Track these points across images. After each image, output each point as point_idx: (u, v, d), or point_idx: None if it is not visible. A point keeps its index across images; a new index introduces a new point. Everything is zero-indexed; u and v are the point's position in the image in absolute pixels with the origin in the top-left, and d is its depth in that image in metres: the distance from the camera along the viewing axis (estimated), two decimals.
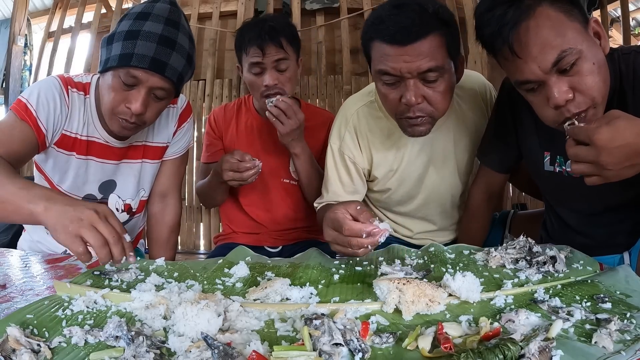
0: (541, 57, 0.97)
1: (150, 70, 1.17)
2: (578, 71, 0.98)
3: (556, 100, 0.99)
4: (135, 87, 1.20)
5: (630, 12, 3.46)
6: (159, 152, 1.50)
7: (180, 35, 1.23)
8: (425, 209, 1.54)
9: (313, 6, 3.48)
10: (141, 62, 1.16)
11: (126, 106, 1.21)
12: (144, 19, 1.20)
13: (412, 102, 1.20)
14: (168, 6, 1.23)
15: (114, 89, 1.21)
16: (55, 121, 1.29)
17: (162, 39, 1.19)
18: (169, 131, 1.49)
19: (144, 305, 0.87)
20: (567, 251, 1.07)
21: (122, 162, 1.44)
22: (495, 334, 0.72)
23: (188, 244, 3.45)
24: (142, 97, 1.20)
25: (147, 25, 1.19)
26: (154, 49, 1.17)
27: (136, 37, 1.17)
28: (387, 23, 1.18)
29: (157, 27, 1.19)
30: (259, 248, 1.79)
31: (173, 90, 1.26)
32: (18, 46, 3.92)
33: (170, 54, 1.19)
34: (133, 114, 1.21)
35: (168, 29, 1.20)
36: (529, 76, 1.01)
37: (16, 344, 0.71)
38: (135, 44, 1.17)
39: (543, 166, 1.27)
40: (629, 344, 0.70)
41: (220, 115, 1.86)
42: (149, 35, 1.18)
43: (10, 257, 1.25)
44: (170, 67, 1.20)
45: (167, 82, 1.21)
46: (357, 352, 0.69)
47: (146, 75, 1.18)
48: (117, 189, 1.46)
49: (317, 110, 1.93)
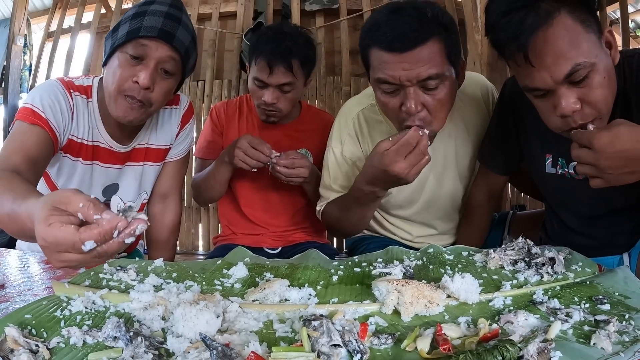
0: (554, 67, 0.96)
1: (159, 38, 1.19)
2: (589, 84, 0.98)
3: (564, 110, 0.99)
4: (143, 60, 1.20)
5: (629, 14, 3.46)
6: (161, 154, 1.50)
7: (184, 17, 1.27)
8: (426, 213, 1.53)
9: (312, 7, 3.48)
10: (150, 31, 1.19)
11: (133, 80, 1.20)
12: (149, 4, 1.24)
13: (412, 110, 1.17)
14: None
15: (121, 66, 1.21)
16: (65, 123, 1.26)
17: (168, 15, 1.22)
18: (172, 133, 1.49)
19: (143, 305, 0.86)
20: (566, 253, 1.07)
21: (126, 165, 1.43)
22: (494, 335, 0.72)
23: (187, 245, 3.44)
24: (150, 69, 1.20)
25: (153, 6, 1.23)
26: (162, 22, 1.21)
27: (143, 15, 1.21)
28: (384, 29, 1.15)
29: (163, 7, 1.23)
30: (258, 249, 1.79)
31: (180, 67, 1.27)
32: (17, 46, 3.91)
33: (177, 28, 1.22)
34: (141, 89, 1.20)
35: (173, 9, 1.25)
36: (539, 84, 1.00)
37: (14, 344, 0.71)
38: (143, 20, 1.20)
39: (545, 168, 1.27)
40: (627, 345, 0.70)
41: (222, 110, 1.86)
42: (155, 12, 1.22)
43: (8, 257, 1.25)
44: (177, 39, 1.22)
45: (175, 53, 1.23)
46: (356, 353, 0.69)
47: (155, 45, 1.20)
48: (119, 191, 1.45)
49: (318, 113, 1.94)
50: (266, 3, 3.48)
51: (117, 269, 1.03)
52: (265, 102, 1.63)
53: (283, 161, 1.53)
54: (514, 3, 0.98)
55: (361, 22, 3.41)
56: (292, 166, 1.54)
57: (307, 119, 1.76)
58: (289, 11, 3.47)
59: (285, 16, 3.46)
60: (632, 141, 0.88)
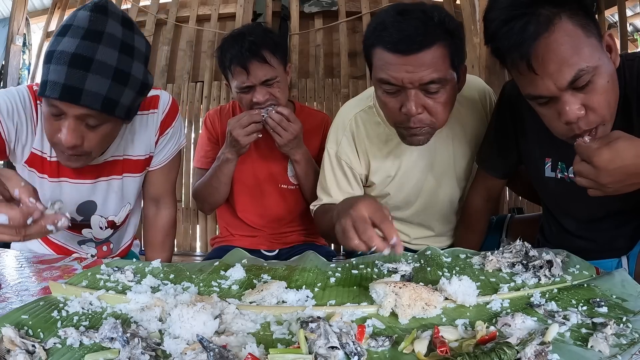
0: (558, 74, 0.96)
1: (61, 100, 1.02)
2: (592, 89, 0.97)
3: (568, 117, 0.98)
4: (61, 117, 1.06)
5: (627, 17, 3.47)
6: (140, 164, 1.39)
7: (102, 50, 1.02)
8: (423, 215, 1.53)
9: (311, 9, 3.48)
10: (52, 91, 1.01)
11: (59, 137, 1.08)
12: (62, 35, 1.03)
13: (412, 112, 1.17)
14: (88, 13, 1.03)
15: (46, 119, 1.10)
16: (19, 132, 1.19)
17: (73, 60, 1.00)
18: (150, 141, 1.37)
19: (140, 306, 0.86)
20: (564, 255, 1.07)
21: (99, 180, 1.33)
22: (491, 338, 0.72)
23: (184, 246, 3.44)
24: (69, 128, 1.06)
25: (62, 43, 1.02)
26: (65, 74, 1.00)
27: (50, 59, 1.03)
28: (390, 30, 1.15)
29: (72, 43, 1.01)
30: (256, 251, 1.78)
31: (107, 115, 1.07)
32: (16, 45, 3.91)
33: (84, 77, 1.01)
34: (66, 147, 1.09)
35: (84, 44, 1.01)
36: (543, 92, 0.99)
37: (11, 345, 0.71)
38: (49, 69, 1.02)
39: (544, 172, 1.26)
40: (625, 347, 0.71)
41: (216, 118, 1.84)
42: (60, 57, 1.01)
43: (5, 257, 1.25)
44: (86, 93, 1.01)
45: (88, 110, 1.04)
46: (353, 356, 0.69)
47: (64, 105, 1.03)
48: (98, 209, 1.37)
49: (312, 113, 1.92)
50: (265, 5, 3.48)
51: (114, 269, 1.03)
52: (257, 103, 1.61)
53: (274, 114, 1.55)
54: (514, 11, 0.97)
55: (360, 24, 3.42)
56: (281, 123, 1.55)
57: (301, 119, 1.75)
58: (287, 13, 3.48)
59: (284, 18, 3.46)
60: (632, 157, 0.88)
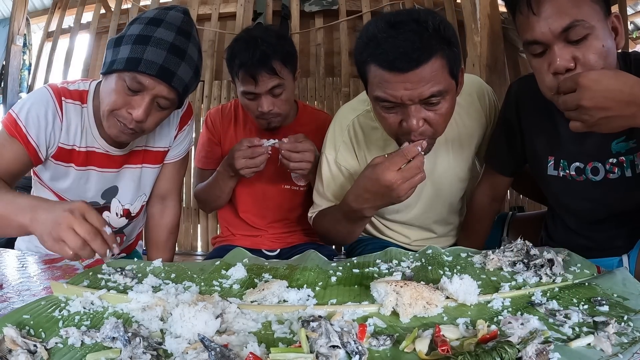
0: (553, 19, 0.99)
1: (157, 78, 1.15)
2: (586, 45, 0.99)
3: (557, 66, 1.00)
4: (139, 93, 1.17)
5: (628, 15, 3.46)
6: (160, 156, 1.48)
7: (191, 46, 1.21)
8: (423, 218, 1.51)
9: (312, 8, 3.48)
10: (149, 68, 1.14)
11: (127, 111, 1.18)
12: (156, 25, 1.17)
13: (414, 128, 1.14)
14: (181, 15, 1.21)
15: (117, 92, 1.17)
16: (48, 137, 1.26)
17: (172, 48, 1.16)
18: (170, 135, 1.47)
19: (141, 306, 0.86)
20: (565, 254, 1.07)
21: (123, 167, 1.42)
22: (492, 337, 0.72)
23: (185, 245, 3.44)
24: (145, 104, 1.17)
25: (158, 32, 1.16)
26: (164, 57, 1.15)
27: (147, 42, 1.15)
28: (384, 47, 1.09)
29: (169, 35, 1.17)
30: (257, 251, 1.78)
31: (177, 101, 1.23)
32: (17, 45, 3.91)
33: (179, 64, 1.17)
34: (133, 120, 1.18)
35: (179, 38, 1.18)
36: (538, 36, 1.02)
37: (13, 345, 0.71)
38: (145, 49, 1.14)
39: (547, 170, 1.27)
40: (626, 346, 0.71)
41: (218, 117, 1.83)
42: (159, 42, 1.15)
43: (7, 257, 1.25)
44: (177, 77, 1.17)
45: (172, 91, 1.19)
46: (354, 355, 0.69)
47: (153, 83, 1.15)
48: (118, 193, 1.44)
49: (314, 112, 1.91)
50: (265, 4, 3.49)
51: (115, 270, 1.03)
52: (262, 112, 1.60)
53: (286, 145, 1.49)
54: None
55: (360, 23, 3.42)
56: (296, 150, 1.49)
57: (304, 119, 1.74)
58: (288, 12, 3.48)
59: (285, 17, 3.46)
60: (618, 82, 0.89)
